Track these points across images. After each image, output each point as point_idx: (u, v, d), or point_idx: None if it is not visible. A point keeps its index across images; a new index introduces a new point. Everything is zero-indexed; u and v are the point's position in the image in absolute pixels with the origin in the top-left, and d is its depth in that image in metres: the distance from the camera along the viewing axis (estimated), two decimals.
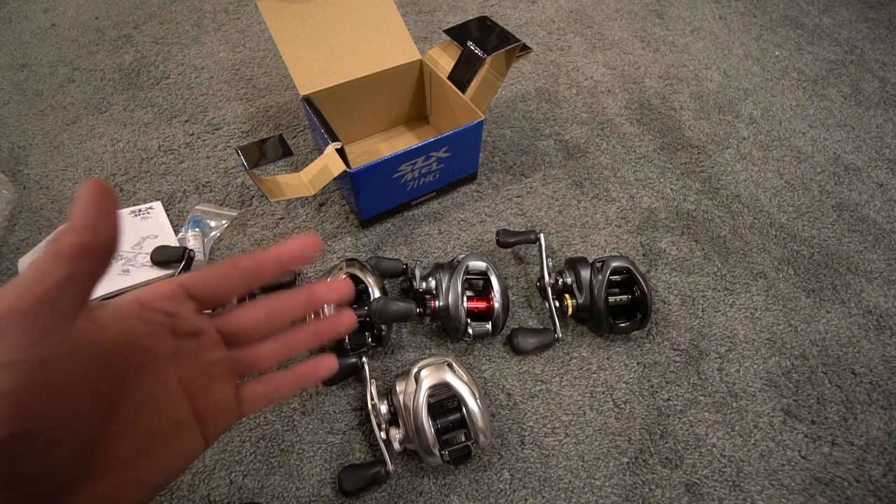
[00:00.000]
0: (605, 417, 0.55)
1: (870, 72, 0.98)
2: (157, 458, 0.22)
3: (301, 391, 0.28)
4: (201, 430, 0.24)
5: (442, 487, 0.50)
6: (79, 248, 0.19)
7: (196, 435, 0.24)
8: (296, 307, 0.27)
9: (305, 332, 0.28)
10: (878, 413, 0.55)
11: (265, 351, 0.27)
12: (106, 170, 0.77)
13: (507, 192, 0.75)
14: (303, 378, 0.28)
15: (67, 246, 0.19)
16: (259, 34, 1.02)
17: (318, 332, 0.28)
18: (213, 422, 0.25)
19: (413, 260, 0.67)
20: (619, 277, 0.59)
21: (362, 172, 0.60)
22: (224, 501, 0.49)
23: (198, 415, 0.24)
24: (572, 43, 1.02)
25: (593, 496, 0.50)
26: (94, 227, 0.19)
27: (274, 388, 0.27)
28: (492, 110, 0.87)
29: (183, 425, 0.24)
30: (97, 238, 0.19)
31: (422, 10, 1.09)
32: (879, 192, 0.77)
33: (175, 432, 0.23)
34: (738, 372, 0.58)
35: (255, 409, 0.27)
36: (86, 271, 0.19)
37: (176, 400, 0.23)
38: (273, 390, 0.27)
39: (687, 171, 0.79)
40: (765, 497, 0.50)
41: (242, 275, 0.25)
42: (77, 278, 0.19)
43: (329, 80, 0.68)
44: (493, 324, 0.56)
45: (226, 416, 0.26)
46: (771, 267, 0.68)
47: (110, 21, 1.05)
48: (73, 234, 0.19)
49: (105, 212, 0.19)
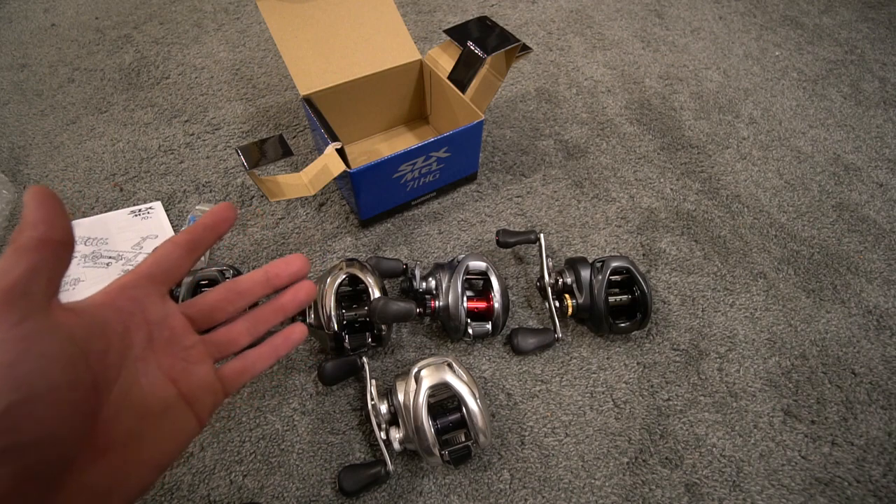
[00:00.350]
0: (605, 417, 0.55)
1: (870, 72, 0.98)
2: (154, 438, 0.24)
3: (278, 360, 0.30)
4: (192, 410, 0.26)
5: (442, 487, 0.50)
6: (37, 240, 0.20)
7: (187, 415, 0.26)
8: (254, 286, 0.29)
9: (269, 308, 0.30)
10: (878, 413, 0.55)
11: (235, 331, 0.29)
12: (106, 170, 0.77)
13: (507, 192, 0.75)
14: (278, 347, 0.30)
15: (27, 240, 0.20)
16: (259, 34, 1.02)
17: (281, 307, 0.30)
18: (200, 401, 0.26)
19: (413, 260, 0.67)
20: (619, 277, 0.59)
21: (362, 172, 0.60)
22: (224, 501, 0.49)
23: (184, 397, 0.26)
24: (572, 43, 1.02)
25: (593, 496, 0.50)
26: (47, 221, 0.21)
27: (252, 362, 0.29)
28: (492, 110, 0.87)
29: (172, 406, 0.25)
30: (53, 231, 0.21)
31: (422, 10, 1.09)
32: (879, 192, 0.77)
33: (166, 414, 0.25)
34: (738, 372, 0.58)
35: (239, 384, 0.29)
36: (48, 262, 0.21)
37: (160, 385, 0.25)
38: (251, 364, 0.29)
39: (687, 171, 0.79)
40: (765, 497, 0.50)
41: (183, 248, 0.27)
42: (42, 269, 0.20)
43: (329, 80, 0.68)
44: (493, 324, 0.56)
45: (212, 395, 0.27)
46: (771, 267, 0.68)
47: (110, 21, 1.05)
48: (30, 229, 0.20)
49: (55, 208, 0.21)
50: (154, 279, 0.26)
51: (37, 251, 0.20)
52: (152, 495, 0.49)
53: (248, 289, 0.29)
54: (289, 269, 0.30)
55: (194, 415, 0.26)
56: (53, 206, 0.21)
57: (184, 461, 0.51)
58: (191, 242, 0.27)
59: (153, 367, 0.25)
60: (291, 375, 0.57)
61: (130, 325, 0.24)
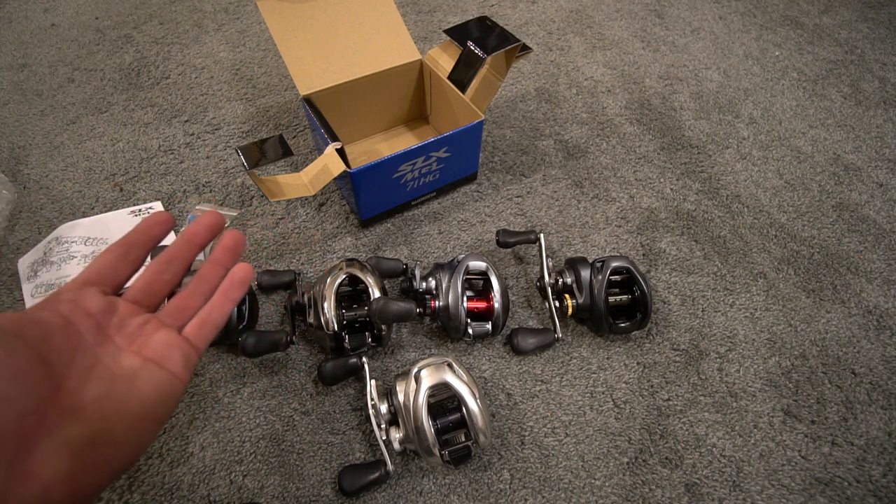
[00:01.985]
0: (605, 417, 0.55)
1: (870, 72, 0.98)
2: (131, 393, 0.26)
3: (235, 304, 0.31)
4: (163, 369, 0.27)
5: (442, 487, 0.50)
6: None
7: (158, 371, 0.27)
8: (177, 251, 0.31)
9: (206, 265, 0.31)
10: (878, 413, 0.55)
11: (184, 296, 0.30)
12: (106, 170, 0.77)
13: (507, 192, 0.75)
14: (228, 291, 0.31)
15: None
16: (259, 34, 1.02)
17: (216, 259, 0.31)
18: (170, 359, 0.27)
19: (413, 260, 0.67)
20: (619, 277, 0.59)
21: (362, 172, 0.60)
22: (224, 501, 0.49)
23: (149, 359, 0.27)
24: (572, 43, 1.02)
25: (593, 496, 0.50)
26: None
27: (207, 312, 0.30)
28: (492, 110, 0.87)
29: (140, 368, 0.27)
30: None
31: (422, 10, 1.09)
32: (879, 192, 0.77)
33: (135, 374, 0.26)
34: (738, 372, 0.58)
35: (205, 338, 0.30)
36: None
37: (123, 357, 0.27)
38: (207, 314, 0.30)
39: (687, 171, 0.79)
40: (765, 497, 0.50)
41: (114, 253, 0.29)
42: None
43: (329, 80, 0.68)
44: (493, 324, 0.56)
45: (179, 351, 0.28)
46: (771, 267, 0.68)
47: (110, 21, 1.05)
48: None
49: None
50: (88, 282, 0.28)
51: None
52: (152, 495, 0.49)
53: (173, 255, 0.31)
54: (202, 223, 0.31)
55: (168, 372, 0.27)
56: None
57: (184, 461, 0.51)
58: (124, 246, 0.29)
59: (112, 348, 0.27)
60: (291, 375, 0.57)
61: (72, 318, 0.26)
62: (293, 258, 0.67)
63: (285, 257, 0.67)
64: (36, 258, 0.65)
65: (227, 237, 0.32)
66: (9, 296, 0.63)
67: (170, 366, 0.27)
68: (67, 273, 0.64)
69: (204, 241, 0.31)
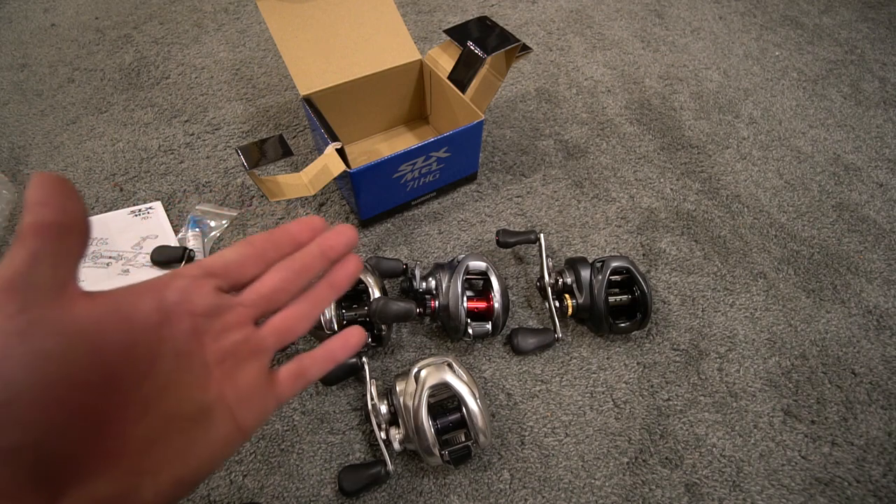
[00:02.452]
0: (605, 417, 0.55)
1: (870, 72, 0.98)
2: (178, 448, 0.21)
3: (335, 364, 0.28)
4: (233, 416, 0.23)
5: (442, 487, 0.50)
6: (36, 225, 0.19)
7: (227, 421, 0.23)
8: (313, 262, 0.27)
9: (322, 286, 0.27)
10: (878, 413, 0.55)
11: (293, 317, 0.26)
12: (106, 170, 0.77)
13: (507, 192, 0.75)
14: (334, 351, 0.27)
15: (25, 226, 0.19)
16: (259, 34, 1.02)
17: (333, 283, 0.28)
18: (245, 406, 0.24)
19: (413, 260, 0.67)
20: (619, 277, 0.59)
21: (362, 172, 0.60)
22: (224, 501, 0.49)
23: (226, 399, 0.23)
24: (572, 43, 1.02)
25: (593, 496, 0.50)
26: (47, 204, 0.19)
27: (307, 365, 0.27)
28: (492, 110, 0.87)
29: (209, 410, 0.22)
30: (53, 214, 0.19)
31: (422, 10, 1.09)
32: (879, 192, 0.77)
33: (200, 418, 0.22)
34: (738, 372, 0.58)
35: (293, 389, 0.26)
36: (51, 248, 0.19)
37: (201, 383, 0.22)
38: (307, 367, 0.27)
39: (687, 171, 0.79)
40: (765, 497, 0.50)
41: (257, 250, 0.25)
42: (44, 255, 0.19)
43: (329, 80, 0.68)
44: (493, 324, 0.56)
45: (260, 400, 0.24)
46: (771, 267, 0.68)
47: (110, 21, 1.05)
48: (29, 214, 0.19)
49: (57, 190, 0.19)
50: (212, 273, 0.24)
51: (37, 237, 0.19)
52: None
53: (304, 265, 0.26)
54: (342, 239, 0.27)
55: (235, 422, 0.23)
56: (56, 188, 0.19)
57: None
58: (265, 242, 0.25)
59: (195, 364, 0.22)
60: None
61: (172, 316, 0.22)
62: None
63: None
64: None
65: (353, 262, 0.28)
66: None
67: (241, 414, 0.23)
68: None
69: (337, 257, 0.27)
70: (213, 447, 0.22)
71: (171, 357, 0.22)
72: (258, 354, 0.25)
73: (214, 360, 0.23)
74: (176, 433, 0.21)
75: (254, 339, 0.25)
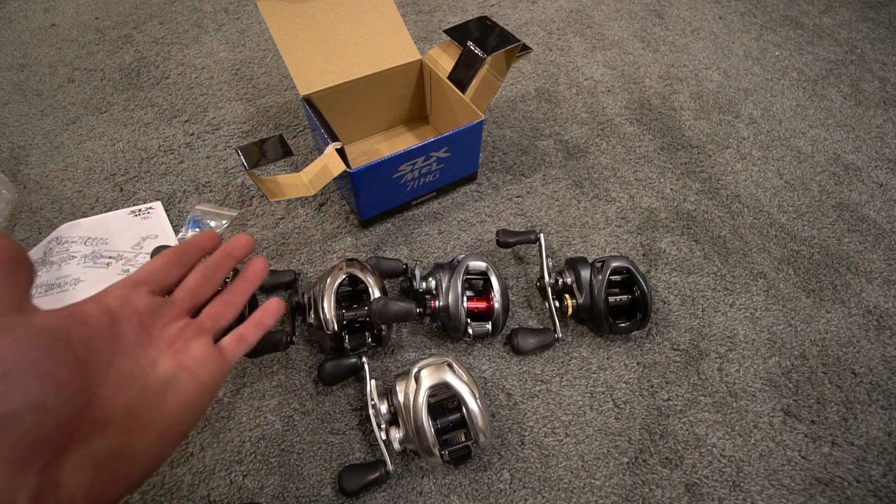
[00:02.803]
0: (605, 417, 0.55)
1: (870, 72, 0.98)
2: (155, 405, 0.27)
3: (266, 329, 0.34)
4: (195, 377, 0.28)
5: (442, 487, 0.50)
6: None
7: (191, 381, 0.28)
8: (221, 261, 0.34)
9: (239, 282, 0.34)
10: (878, 413, 0.55)
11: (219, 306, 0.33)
12: (106, 170, 0.77)
13: (507, 192, 0.75)
14: (261, 319, 0.34)
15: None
16: (259, 34, 1.02)
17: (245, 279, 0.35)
18: (203, 368, 0.29)
19: (413, 260, 0.67)
20: (619, 277, 0.59)
21: (362, 172, 0.60)
22: (224, 501, 0.49)
23: (185, 366, 0.28)
24: (572, 43, 1.02)
25: (593, 496, 0.50)
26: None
27: (243, 332, 0.33)
28: (492, 110, 0.87)
29: (174, 376, 0.28)
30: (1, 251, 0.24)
31: (422, 10, 1.09)
32: (879, 192, 0.77)
33: (168, 383, 0.27)
34: (738, 372, 0.58)
35: (237, 351, 0.32)
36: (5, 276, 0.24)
37: (161, 362, 0.28)
38: (243, 334, 0.33)
39: (687, 171, 0.79)
40: (765, 497, 0.50)
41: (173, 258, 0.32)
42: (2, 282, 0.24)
43: (329, 80, 0.68)
44: (493, 324, 0.56)
45: (213, 362, 0.30)
46: (771, 267, 0.68)
47: (110, 21, 1.05)
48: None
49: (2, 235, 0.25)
50: (139, 282, 0.30)
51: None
52: (152, 495, 0.49)
53: (217, 264, 0.34)
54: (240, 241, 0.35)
55: (198, 381, 0.28)
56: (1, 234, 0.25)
57: (184, 461, 0.51)
58: (177, 253, 0.32)
59: (152, 350, 0.28)
60: (291, 375, 0.57)
61: (119, 317, 0.27)
62: (293, 258, 0.67)
63: (285, 257, 0.67)
64: (36, 258, 0.65)
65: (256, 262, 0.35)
66: None
67: (202, 375, 0.29)
68: (67, 273, 0.64)
69: (241, 256, 0.35)
70: (184, 401, 0.28)
71: (129, 348, 0.27)
72: (200, 334, 0.30)
73: (166, 344, 0.29)
74: (151, 398, 0.27)
75: (193, 324, 0.31)
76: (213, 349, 0.30)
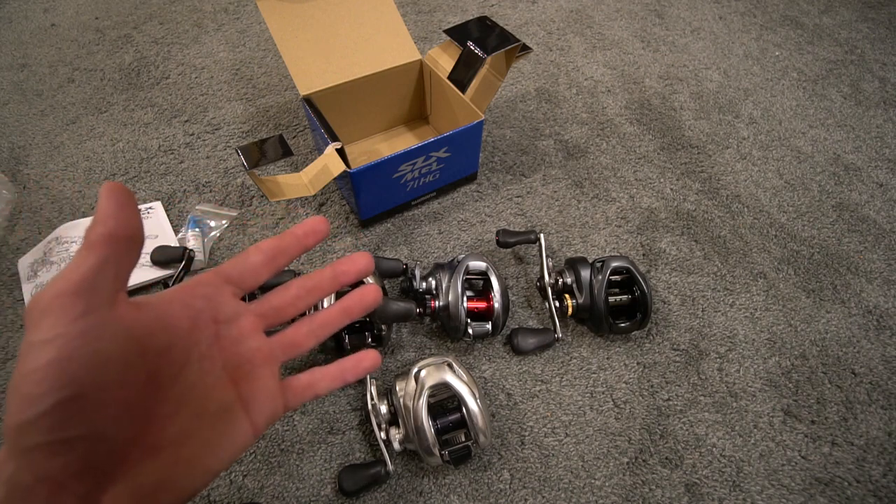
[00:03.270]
0: (605, 417, 0.55)
1: (870, 72, 0.98)
2: (208, 440, 0.24)
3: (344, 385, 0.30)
4: (248, 417, 0.25)
5: (442, 487, 0.50)
6: (105, 236, 0.21)
7: (243, 421, 0.25)
8: (322, 282, 0.29)
9: (335, 309, 0.29)
10: (878, 413, 0.55)
11: (300, 333, 0.28)
12: (106, 170, 0.77)
13: (507, 192, 0.75)
14: (346, 371, 0.29)
15: (96, 236, 0.21)
16: (259, 34, 1.02)
17: (346, 308, 0.29)
18: (259, 409, 0.26)
19: (413, 260, 0.67)
20: (619, 277, 0.59)
21: (362, 172, 0.60)
22: (224, 501, 0.49)
23: (243, 401, 0.25)
24: (572, 43, 1.02)
25: (593, 496, 0.50)
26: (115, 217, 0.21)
27: (318, 378, 0.28)
28: (492, 110, 0.87)
29: (229, 410, 0.25)
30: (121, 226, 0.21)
31: (422, 10, 1.09)
32: (879, 192, 0.77)
33: (222, 416, 0.25)
34: (738, 372, 0.58)
35: (301, 399, 0.28)
36: (116, 257, 0.21)
37: (221, 385, 0.25)
38: (317, 381, 0.28)
39: (687, 171, 0.79)
40: (765, 497, 0.50)
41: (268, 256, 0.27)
42: (109, 263, 0.21)
43: (329, 80, 0.68)
44: (493, 324, 0.56)
45: (271, 403, 0.26)
46: (771, 267, 0.68)
47: (110, 21, 1.05)
48: (99, 225, 0.21)
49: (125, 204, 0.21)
50: (230, 279, 0.26)
51: (105, 246, 0.21)
52: None
53: (316, 285, 0.28)
54: (355, 267, 0.29)
55: (250, 421, 0.25)
56: (124, 201, 0.21)
57: None
58: (275, 249, 0.27)
59: (217, 366, 0.25)
60: None
61: (199, 322, 0.25)
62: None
63: None
64: (36, 258, 0.65)
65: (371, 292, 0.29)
66: (9, 296, 0.63)
67: (254, 415, 0.25)
68: None
69: (350, 282, 0.29)
70: (232, 442, 0.25)
71: (197, 360, 0.24)
72: (270, 362, 0.27)
73: (232, 365, 0.25)
74: (205, 428, 0.24)
75: (266, 347, 0.27)
76: (277, 387, 0.26)
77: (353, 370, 0.29)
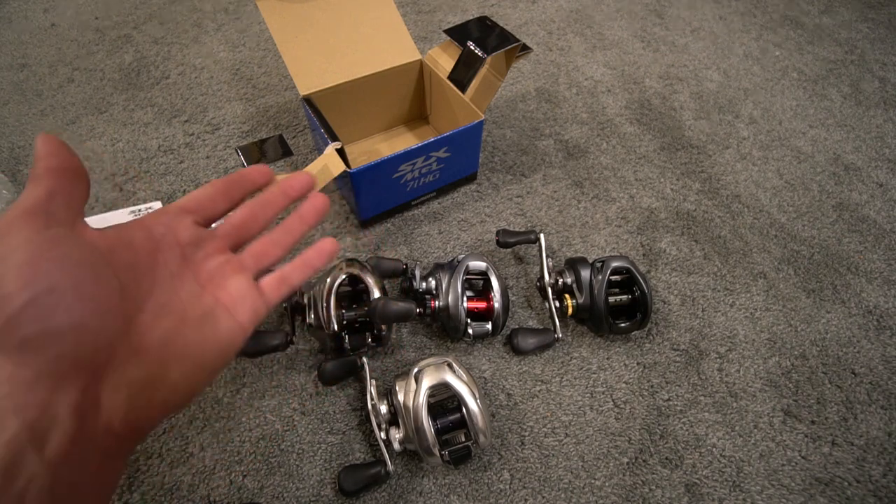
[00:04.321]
0: (605, 417, 0.55)
1: (870, 72, 0.98)
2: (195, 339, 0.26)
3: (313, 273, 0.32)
4: (232, 315, 0.27)
5: (442, 487, 0.50)
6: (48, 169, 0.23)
7: (228, 318, 0.27)
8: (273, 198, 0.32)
9: (292, 218, 0.32)
10: (878, 413, 0.55)
11: (266, 243, 0.31)
12: (106, 170, 0.77)
13: (507, 192, 0.75)
14: (310, 259, 0.31)
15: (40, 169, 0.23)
16: (259, 34, 1.02)
17: (302, 216, 0.32)
18: (241, 308, 0.28)
19: (413, 260, 0.67)
20: (619, 277, 0.59)
21: (362, 172, 0.60)
22: (224, 501, 0.49)
23: (223, 303, 0.27)
24: (572, 43, 1.02)
25: (593, 496, 0.50)
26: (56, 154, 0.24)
27: (287, 273, 0.31)
28: (492, 110, 0.87)
29: (211, 314, 0.27)
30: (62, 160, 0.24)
31: (422, 10, 1.09)
32: (879, 192, 0.77)
33: (206, 317, 0.26)
34: (738, 372, 0.58)
35: (278, 293, 0.30)
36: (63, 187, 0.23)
37: (198, 296, 0.27)
38: (287, 275, 0.31)
39: (687, 171, 0.79)
40: (765, 497, 0.50)
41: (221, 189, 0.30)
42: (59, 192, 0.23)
43: (329, 80, 0.67)
44: (493, 324, 0.56)
45: (252, 302, 0.28)
46: (771, 267, 0.68)
47: (110, 21, 1.05)
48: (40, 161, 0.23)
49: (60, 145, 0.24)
50: (186, 210, 0.28)
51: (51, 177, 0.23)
52: (152, 495, 0.49)
53: (268, 200, 0.31)
54: (298, 179, 0.32)
55: (235, 319, 0.27)
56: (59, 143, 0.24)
57: (184, 461, 0.51)
58: (226, 183, 0.30)
59: (190, 282, 0.27)
60: (291, 375, 0.57)
61: (162, 245, 0.27)
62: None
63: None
64: None
65: (317, 198, 0.32)
66: None
67: (239, 315, 0.28)
68: None
69: (297, 195, 0.32)
70: (222, 338, 0.27)
71: (168, 278, 0.26)
72: (241, 271, 0.29)
73: (205, 278, 0.28)
74: (189, 330, 0.26)
75: (234, 260, 0.29)
76: (251, 287, 0.29)
77: (318, 257, 0.32)
